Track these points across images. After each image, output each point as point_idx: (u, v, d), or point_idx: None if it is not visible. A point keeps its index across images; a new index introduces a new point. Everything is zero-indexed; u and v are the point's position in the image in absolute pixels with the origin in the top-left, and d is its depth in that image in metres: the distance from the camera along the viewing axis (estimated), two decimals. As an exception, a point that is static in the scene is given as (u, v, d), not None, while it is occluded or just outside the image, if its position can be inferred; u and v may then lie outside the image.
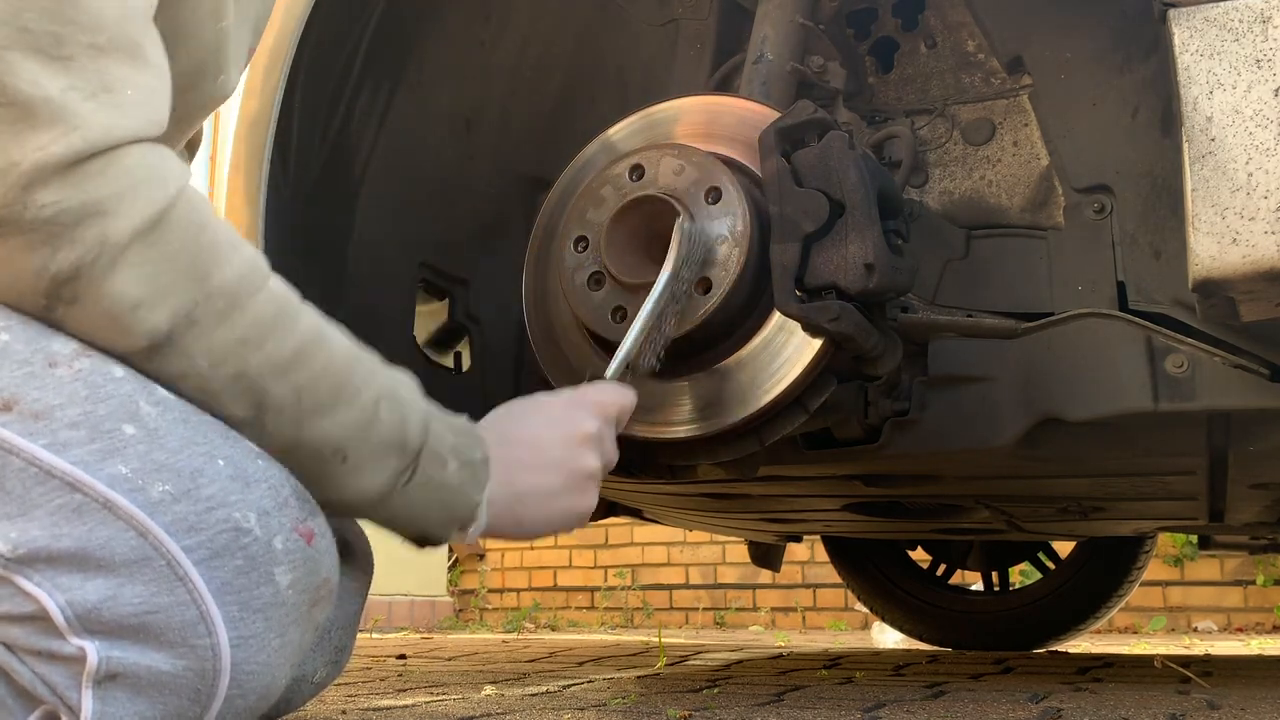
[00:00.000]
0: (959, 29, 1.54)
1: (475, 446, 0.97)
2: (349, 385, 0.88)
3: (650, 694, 1.52)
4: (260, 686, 0.85)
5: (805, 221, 1.19)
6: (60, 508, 0.79)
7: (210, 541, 0.81)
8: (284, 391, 0.85)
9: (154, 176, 0.79)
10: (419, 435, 0.92)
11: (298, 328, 0.85)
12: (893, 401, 1.43)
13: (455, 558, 6.73)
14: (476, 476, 0.97)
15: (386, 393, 0.90)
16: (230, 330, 0.82)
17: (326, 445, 0.88)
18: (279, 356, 0.84)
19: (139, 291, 0.79)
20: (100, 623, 0.79)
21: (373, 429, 0.89)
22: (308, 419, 0.86)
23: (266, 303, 0.84)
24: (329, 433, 0.87)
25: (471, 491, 0.96)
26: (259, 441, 0.86)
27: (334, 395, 0.87)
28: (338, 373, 0.87)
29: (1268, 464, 1.52)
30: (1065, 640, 2.90)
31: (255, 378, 0.83)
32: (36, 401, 0.80)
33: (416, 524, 0.96)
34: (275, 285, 0.85)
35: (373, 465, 0.90)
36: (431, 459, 0.93)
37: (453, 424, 0.97)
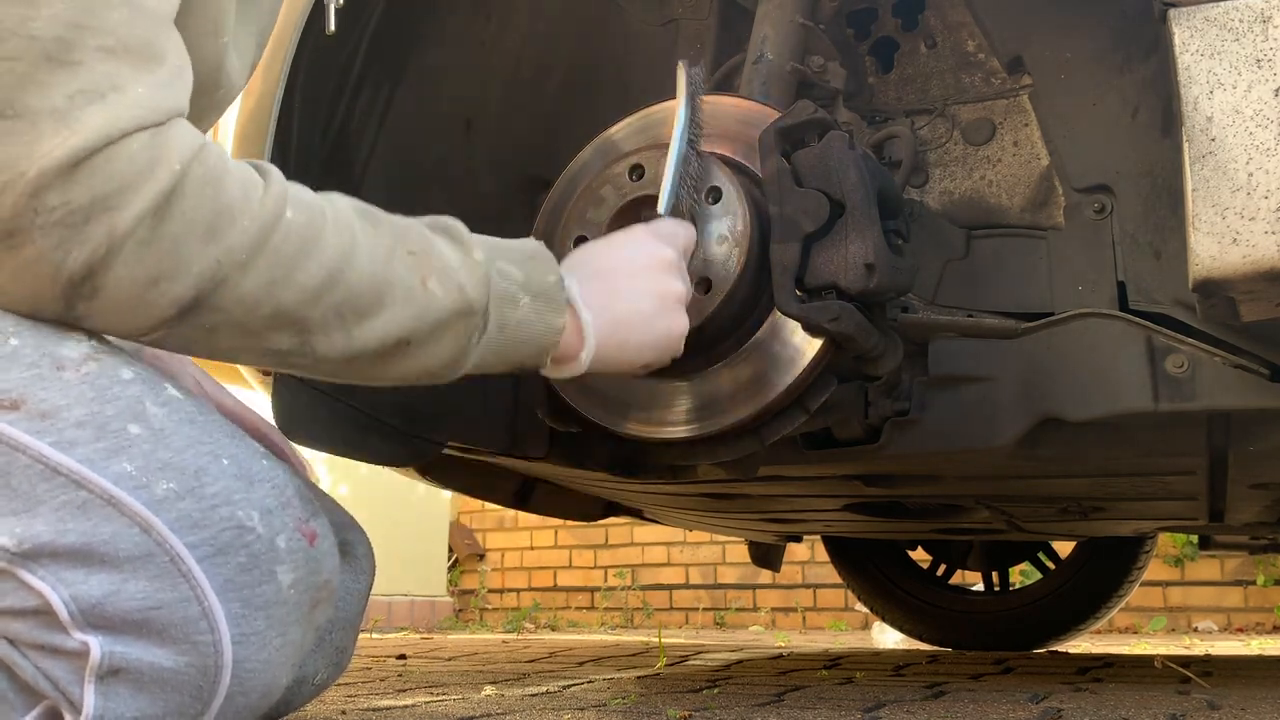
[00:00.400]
0: (959, 29, 1.54)
1: (546, 271, 0.97)
2: (391, 283, 0.86)
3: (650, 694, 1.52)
4: (261, 685, 0.85)
5: (805, 221, 1.19)
6: (65, 504, 0.80)
7: (213, 539, 0.82)
8: (323, 314, 0.84)
9: (158, 158, 0.78)
10: (481, 293, 0.91)
11: (323, 251, 0.84)
12: (893, 401, 1.43)
13: (455, 558, 6.73)
14: (553, 302, 0.96)
15: (435, 269, 0.89)
16: (256, 276, 0.81)
17: (386, 342, 0.87)
18: (311, 284, 0.83)
19: (155, 270, 0.78)
20: (104, 618, 0.80)
21: (429, 310, 0.88)
22: (356, 329, 0.86)
23: (287, 238, 0.82)
24: (386, 331, 0.87)
25: (551, 318, 0.96)
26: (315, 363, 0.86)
27: (377, 299, 0.86)
28: (375, 276, 0.86)
29: (1268, 464, 1.52)
30: (1065, 640, 2.90)
31: (292, 310, 0.83)
32: (43, 402, 0.81)
33: (507, 364, 0.96)
34: (293, 215, 0.83)
35: (440, 340, 0.90)
36: (501, 305, 0.92)
37: (519, 254, 0.96)
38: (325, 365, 0.87)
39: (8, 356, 0.82)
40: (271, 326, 0.83)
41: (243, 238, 0.80)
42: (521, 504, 1.98)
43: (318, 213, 0.85)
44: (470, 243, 0.94)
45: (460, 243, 0.94)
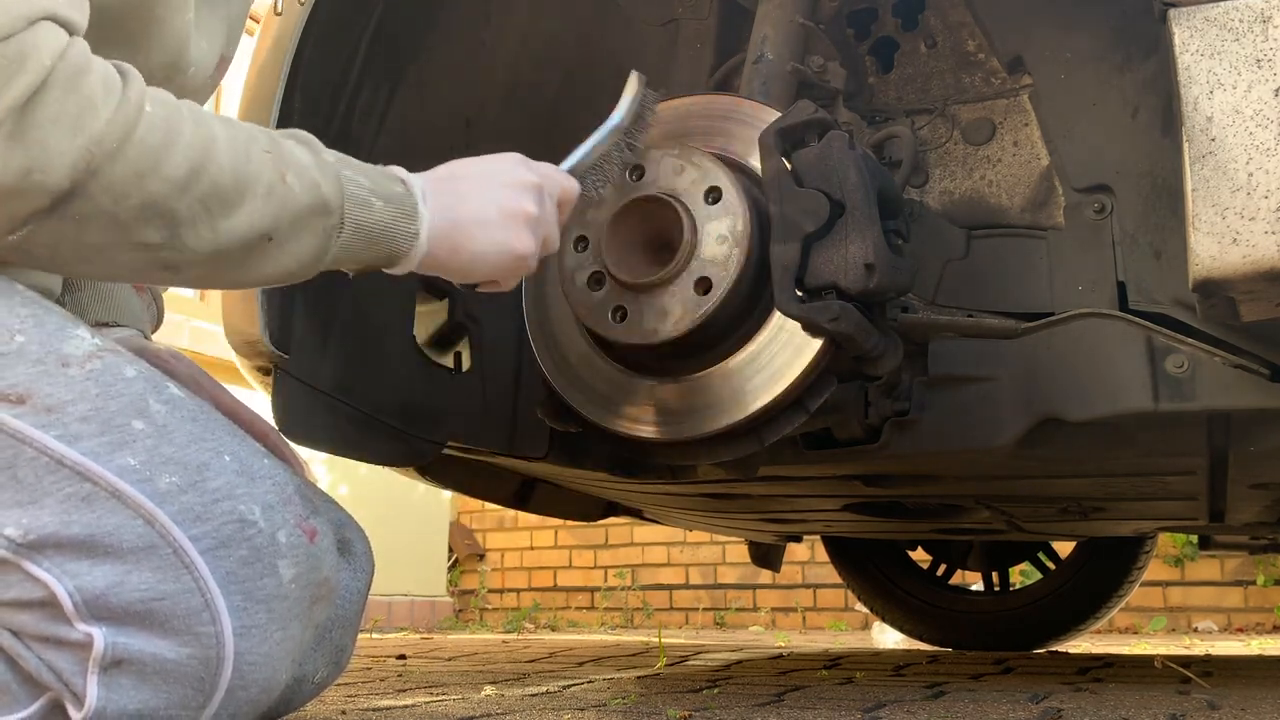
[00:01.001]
0: (959, 29, 1.54)
1: (393, 182, 0.99)
2: (250, 176, 0.88)
3: (650, 694, 1.52)
4: (262, 679, 0.86)
5: (805, 221, 1.19)
6: (70, 496, 0.82)
7: (216, 531, 0.83)
8: (189, 205, 0.85)
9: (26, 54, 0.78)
10: (335, 191, 0.93)
11: (187, 144, 0.85)
12: (893, 401, 1.43)
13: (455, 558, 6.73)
14: (404, 208, 0.99)
15: (291, 165, 0.91)
16: (125, 165, 0.81)
17: (250, 235, 0.88)
18: (176, 176, 0.84)
19: (26, 160, 0.78)
20: (107, 608, 0.81)
21: (288, 204, 0.90)
22: (222, 221, 0.87)
23: (151, 129, 0.83)
24: (250, 224, 0.88)
25: (403, 223, 0.98)
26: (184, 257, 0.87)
27: (239, 192, 0.87)
28: (236, 170, 0.87)
29: (1268, 464, 1.52)
30: (1065, 640, 2.90)
31: (160, 202, 0.83)
32: (49, 397, 0.83)
33: (360, 264, 0.98)
34: (153, 109, 0.84)
35: (301, 235, 0.92)
36: (355, 206, 0.94)
37: (366, 169, 0.98)
38: (193, 262, 0.88)
39: (14, 352, 0.84)
40: (140, 219, 0.83)
41: (109, 128, 0.81)
42: (521, 504, 1.98)
43: (175, 109, 0.86)
44: (319, 147, 0.96)
45: (310, 145, 0.95)
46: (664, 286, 1.26)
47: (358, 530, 1.13)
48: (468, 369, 1.65)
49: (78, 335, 0.87)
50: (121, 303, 1.19)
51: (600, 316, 1.30)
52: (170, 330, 4.41)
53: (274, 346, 1.32)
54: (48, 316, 0.88)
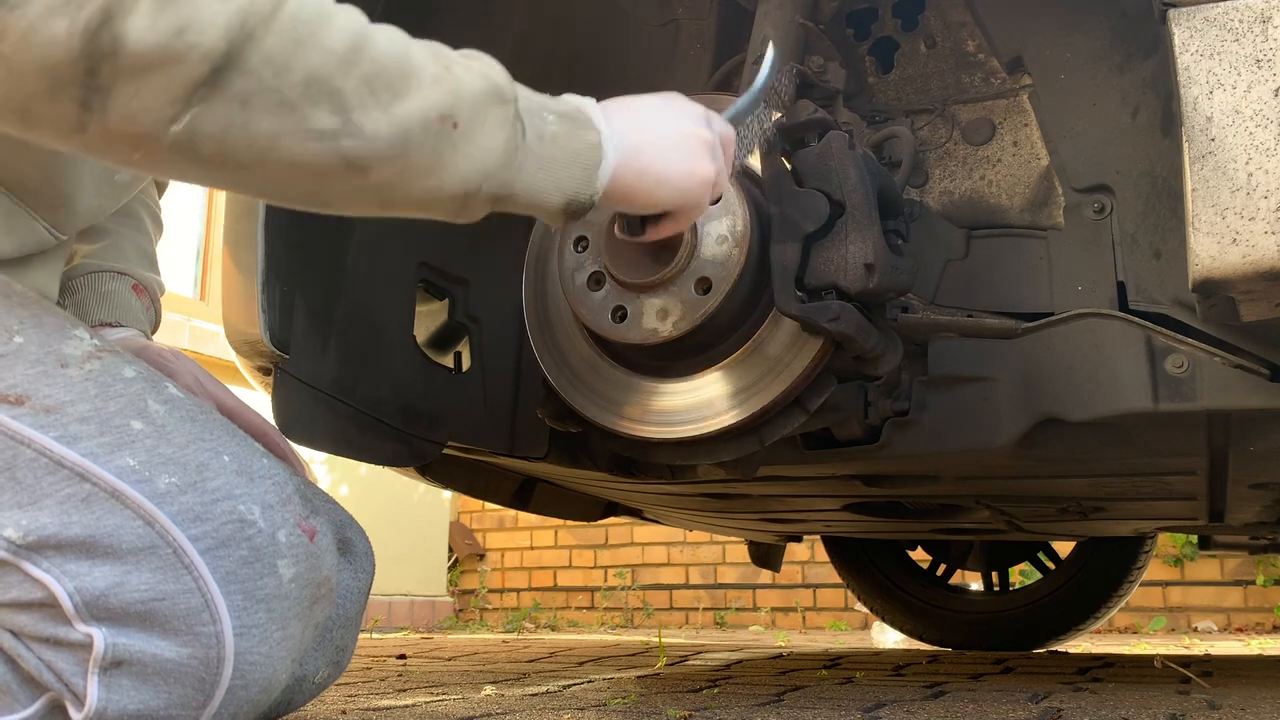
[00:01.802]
0: (959, 29, 1.54)
1: (560, 101, 0.95)
2: (413, 63, 0.83)
3: (650, 694, 1.52)
4: (262, 678, 0.86)
5: (805, 221, 1.19)
6: (69, 496, 0.82)
7: (216, 531, 0.83)
8: (356, 85, 0.79)
9: None
10: (507, 83, 0.88)
11: (340, 22, 0.80)
12: (893, 401, 1.43)
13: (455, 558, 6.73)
14: (578, 120, 0.94)
15: (451, 57, 0.86)
16: (281, 33, 0.75)
17: (430, 118, 0.82)
18: (337, 50, 0.78)
19: (177, 18, 0.71)
20: (107, 609, 0.81)
21: (461, 89, 0.84)
22: (396, 104, 0.81)
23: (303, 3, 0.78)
24: (426, 107, 0.82)
25: (584, 134, 0.94)
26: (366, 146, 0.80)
27: (404, 76, 0.82)
28: (397, 55, 0.82)
29: (1268, 464, 1.52)
30: (1065, 640, 2.90)
31: (325, 78, 0.77)
32: (48, 398, 0.83)
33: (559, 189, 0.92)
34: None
35: (483, 122, 0.85)
36: (530, 114, 0.89)
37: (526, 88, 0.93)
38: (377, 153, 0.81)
39: (13, 353, 0.84)
40: (308, 99, 0.77)
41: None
42: (521, 504, 1.98)
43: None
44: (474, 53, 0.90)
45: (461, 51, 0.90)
46: (664, 286, 1.26)
47: (359, 530, 1.14)
48: (468, 369, 1.65)
49: (76, 336, 0.88)
50: (122, 304, 1.19)
51: (600, 316, 1.30)
52: (170, 330, 4.41)
53: (274, 346, 1.32)
54: (47, 317, 0.88)
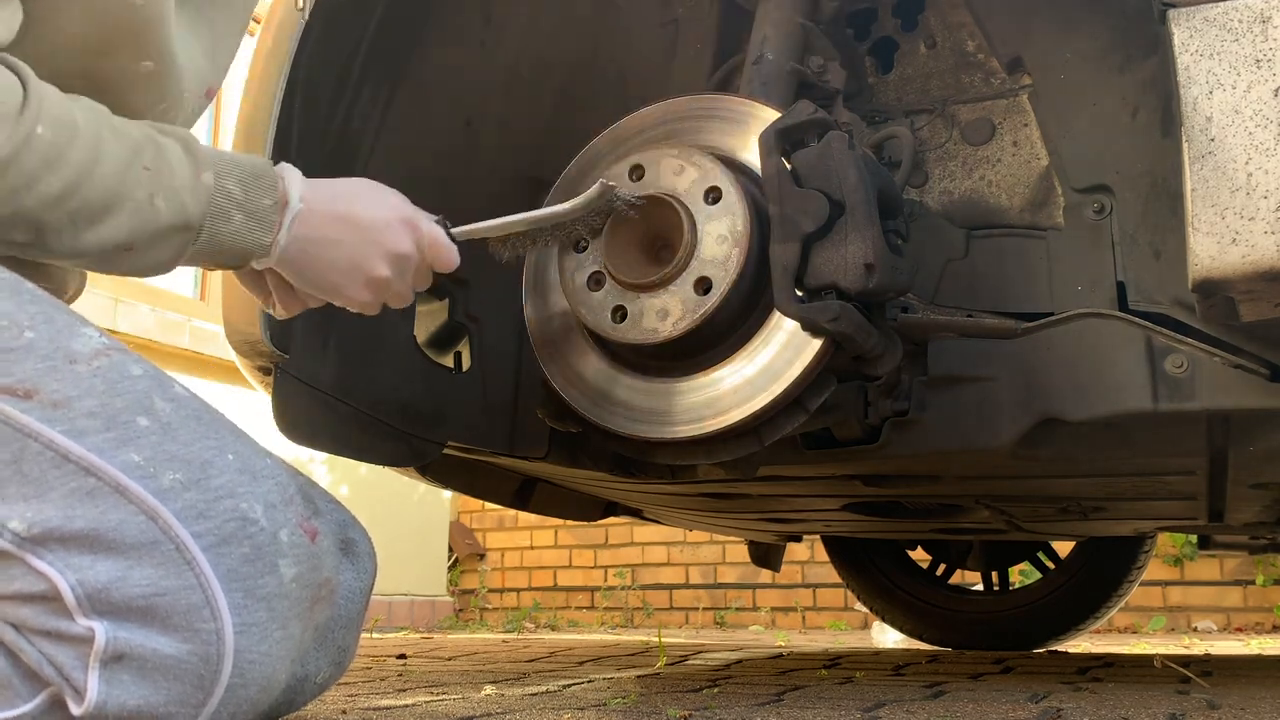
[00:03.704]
0: (959, 29, 1.54)
1: (264, 194, 1.02)
2: (121, 196, 0.93)
3: (650, 694, 1.52)
4: (262, 676, 0.86)
5: (805, 221, 1.19)
6: (74, 490, 0.82)
7: (218, 529, 0.84)
8: (58, 217, 0.91)
9: None
10: (199, 211, 0.98)
11: (67, 166, 0.90)
12: (893, 401, 1.43)
13: (455, 558, 6.73)
14: (264, 222, 1.02)
15: (162, 187, 0.96)
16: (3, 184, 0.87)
17: (108, 246, 0.95)
18: (50, 194, 0.89)
19: None
20: (109, 603, 0.81)
21: (151, 222, 0.95)
22: (85, 233, 0.93)
23: (33, 154, 0.88)
24: (113, 237, 0.94)
25: (259, 236, 1.02)
26: (46, 254, 0.94)
27: (107, 209, 0.93)
28: (109, 190, 0.93)
29: (1268, 464, 1.52)
30: (1065, 640, 2.90)
31: (30, 212, 0.90)
32: (56, 392, 0.84)
33: (212, 264, 1.04)
34: (43, 131, 0.88)
35: (157, 247, 0.98)
36: (216, 219, 0.99)
37: (247, 173, 1.02)
38: (55, 257, 0.95)
39: (23, 348, 0.85)
40: (11, 224, 0.90)
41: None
42: (521, 504, 1.98)
43: (67, 127, 0.91)
44: (203, 161, 0.99)
45: (194, 159, 0.99)
46: (664, 286, 1.26)
47: (361, 531, 1.14)
48: (468, 369, 1.65)
49: (86, 333, 0.89)
50: None
51: (600, 316, 1.30)
52: (170, 330, 4.41)
53: (274, 346, 1.32)
54: (56, 314, 0.89)
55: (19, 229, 0.91)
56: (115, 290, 4.25)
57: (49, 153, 0.89)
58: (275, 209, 1.02)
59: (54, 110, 0.90)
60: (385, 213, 1.09)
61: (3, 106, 0.86)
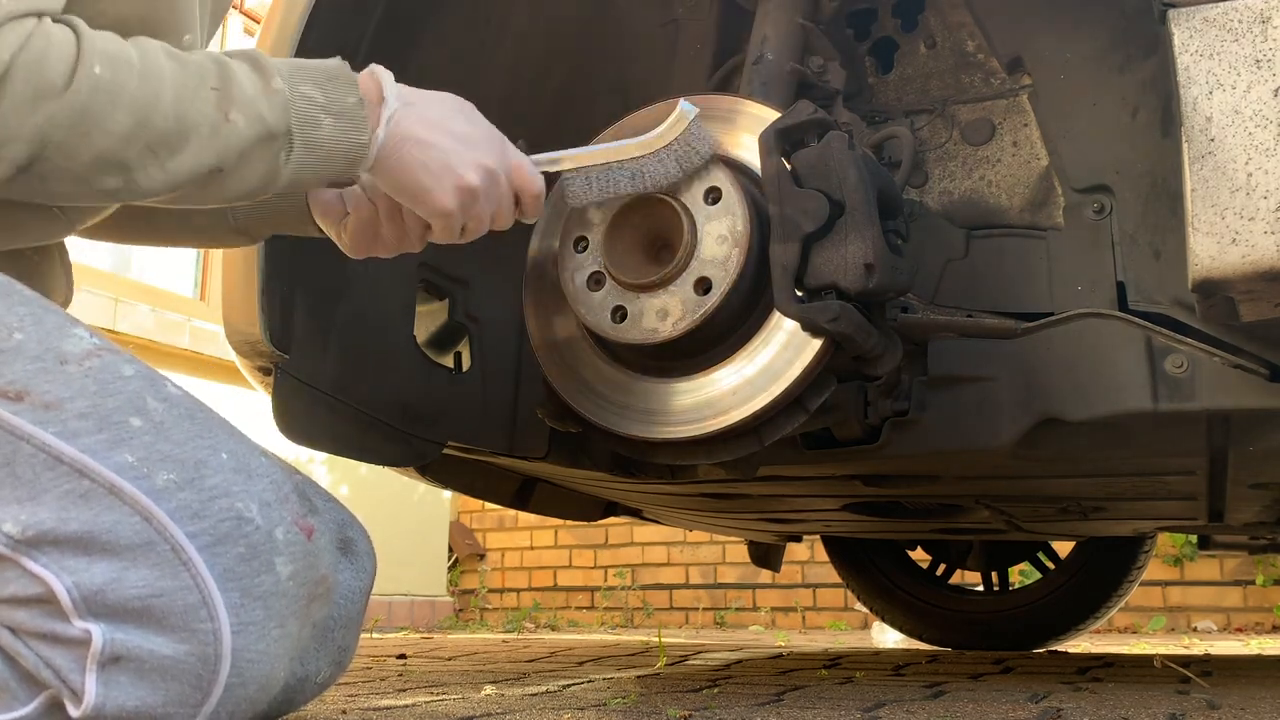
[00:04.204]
0: (959, 29, 1.54)
1: (346, 92, 1.01)
2: (194, 120, 0.93)
3: (650, 694, 1.52)
4: (260, 676, 0.86)
5: (805, 221, 1.19)
6: (68, 493, 0.82)
7: (213, 529, 0.84)
8: (138, 152, 0.91)
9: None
10: (282, 119, 0.97)
11: (131, 99, 0.90)
12: (893, 401, 1.43)
13: (455, 558, 6.73)
14: (354, 120, 1.01)
15: (236, 101, 0.95)
16: (74, 130, 0.87)
17: (199, 172, 0.94)
18: (122, 129, 0.89)
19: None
20: (105, 605, 0.81)
21: (233, 140, 0.95)
22: (170, 162, 0.93)
23: (96, 94, 0.88)
24: (198, 162, 0.94)
25: (355, 135, 1.01)
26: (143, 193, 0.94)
27: (183, 135, 0.92)
28: (181, 116, 0.92)
29: (1268, 464, 1.52)
30: (1065, 640, 2.90)
31: (109, 152, 0.90)
32: (47, 394, 0.84)
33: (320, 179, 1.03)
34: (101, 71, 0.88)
35: (249, 164, 0.97)
36: (304, 126, 0.99)
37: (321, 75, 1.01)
38: (151, 194, 0.95)
39: (12, 350, 0.84)
40: (96, 170, 0.90)
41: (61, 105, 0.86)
42: (521, 504, 1.98)
43: (125, 63, 0.90)
44: (270, 71, 0.99)
45: (261, 71, 0.98)
46: (664, 286, 1.26)
47: (361, 530, 1.14)
48: (468, 369, 1.65)
49: (76, 333, 0.88)
50: None
51: (600, 316, 1.30)
52: (170, 330, 4.41)
53: (274, 346, 1.32)
54: (47, 315, 0.89)
55: (109, 173, 0.91)
56: (115, 290, 4.25)
57: (111, 89, 0.89)
58: (361, 105, 1.02)
59: (108, 48, 0.90)
60: (479, 128, 1.11)
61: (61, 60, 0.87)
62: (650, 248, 1.30)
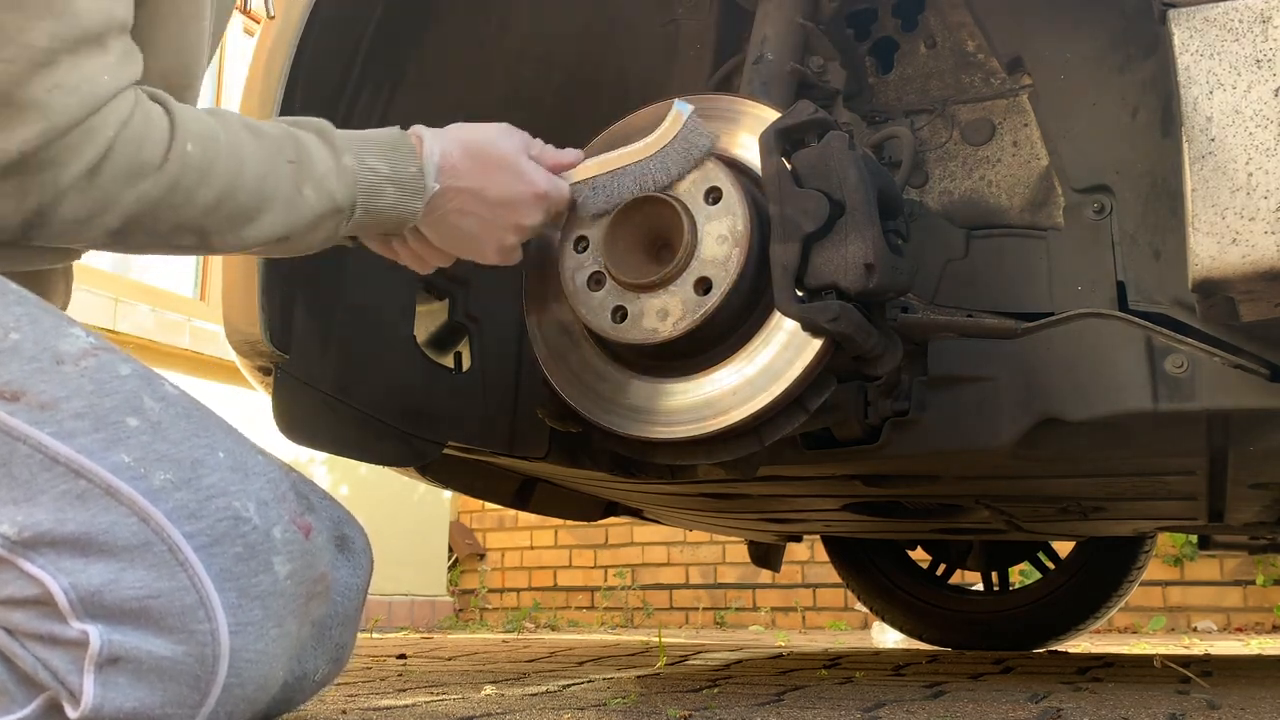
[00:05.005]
0: (959, 29, 1.54)
1: (409, 162, 1.11)
2: (270, 193, 1.02)
3: (650, 694, 1.52)
4: (258, 675, 0.86)
5: (805, 221, 1.19)
6: (64, 493, 0.82)
7: (210, 529, 0.83)
8: (217, 222, 1.00)
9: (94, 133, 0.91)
10: (349, 195, 1.07)
11: (217, 176, 0.98)
12: (893, 401, 1.43)
13: (455, 558, 6.73)
14: (413, 188, 1.11)
15: (310, 177, 1.04)
16: (165, 204, 0.96)
17: (270, 239, 1.04)
18: (206, 202, 0.98)
19: (89, 211, 0.93)
20: (102, 606, 0.81)
21: (302, 212, 1.04)
22: (245, 230, 1.02)
23: (187, 171, 0.96)
24: (270, 231, 1.03)
25: (411, 203, 1.12)
26: (213, 252, 1.04)
27: (259, 207, 1.02)
28: (258, 190, 1.01)
29: (1268, 464, 1.52)
30: (1065, 640, 2.90)
31: (192, 221, 0.98)
32: (43, 394, 0.83)
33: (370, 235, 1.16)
34: (193, 149, 0.97)
35: (314, 232, 1.07)
36: (368, 196, 1.09)
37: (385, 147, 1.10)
38: (221, 253, 1.07)
39: (8, 350, 0.84)
40: (177, 233, 0.99)
41: (156, 183, 0.95)
42: (521, 504, 1.98)
43: (212, 141, 0.99)
44: (340, 147, 1.08)
45: (332, 147, 1.07)
46: (664, 286, 1.26)
47: (357, 527, 1.14)
48: (468, 369, 1.65)
49: (73, 333, 0.88)
50: None
51: (600, 316, 1.30)
52: (170, 330, 4.41)
53: (274, 346, 1.32)
54: (43, 315, 0.89)
55: (185, 237, 0.99)
56: (115, 290, 4.24)
57: (201, 166, 0.97)
58: (421, 175, 1.11)
59: (196, 127, 0.98)
60: (518, 189, 1.17)
61: (157, 140, 0.94)
62: (650, 248, 1.30)
